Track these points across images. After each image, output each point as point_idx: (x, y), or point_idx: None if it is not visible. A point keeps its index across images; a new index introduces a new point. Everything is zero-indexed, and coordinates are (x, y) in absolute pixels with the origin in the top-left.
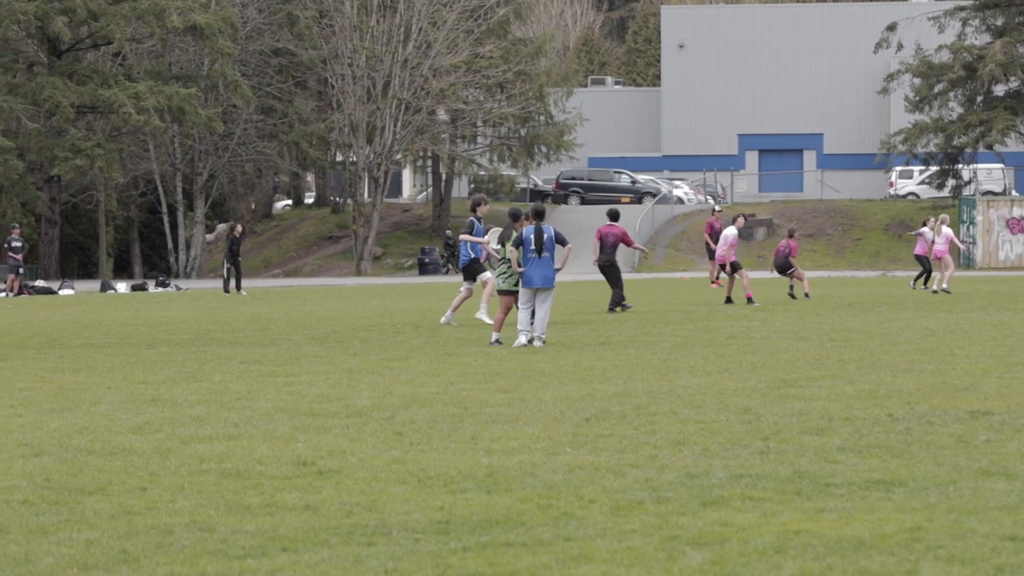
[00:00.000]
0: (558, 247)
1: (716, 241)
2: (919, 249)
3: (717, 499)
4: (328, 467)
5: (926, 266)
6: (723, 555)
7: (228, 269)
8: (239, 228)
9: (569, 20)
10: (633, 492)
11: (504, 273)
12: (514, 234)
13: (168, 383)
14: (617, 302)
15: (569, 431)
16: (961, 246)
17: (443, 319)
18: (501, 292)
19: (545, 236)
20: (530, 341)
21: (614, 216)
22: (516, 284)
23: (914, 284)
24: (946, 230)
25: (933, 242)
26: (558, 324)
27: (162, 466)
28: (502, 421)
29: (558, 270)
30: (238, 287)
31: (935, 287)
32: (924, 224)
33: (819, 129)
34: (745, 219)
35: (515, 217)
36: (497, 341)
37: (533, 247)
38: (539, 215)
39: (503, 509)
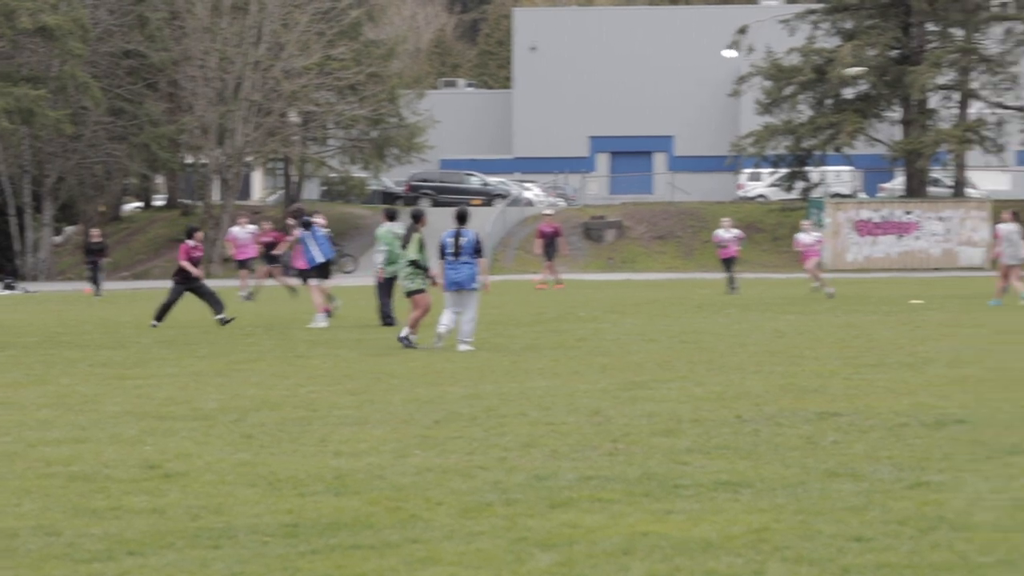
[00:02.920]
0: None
1: (546, 245)
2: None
3: (565, 501)
4: (175, 470)
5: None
6: (571, 557)
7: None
8: (94, 232)
9: (421, 22)
10: (481, 494)
11: (411, 274)
12: (415, 235)
13: (14, 386)
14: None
15: (418, 433)
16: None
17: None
18: (411, 293)
19: (463, 240)
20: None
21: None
22: (424, 283)
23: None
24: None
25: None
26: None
27: (8, 469)
28: (351, 423)
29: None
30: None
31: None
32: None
33: (670, 131)
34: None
35: (416, 217)
36: (406, 339)
37: (451, 251)
38: (461, 219)
39: (351, 512)
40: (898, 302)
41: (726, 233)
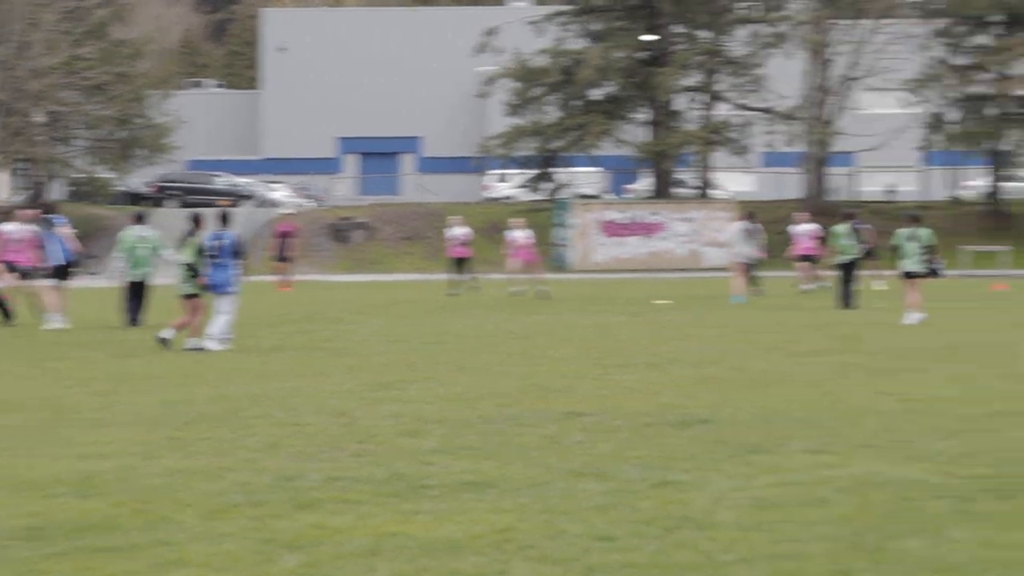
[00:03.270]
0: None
1: (283, 246)
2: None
3: (312, 502)
4: None
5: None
6: (317, 558)
7: None
8: None
9: (169, 21)
10: (228, 496)
11: (186, 278)
12: (191, 238)
13: None
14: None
15: (166, 435)
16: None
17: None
18: (187, 297)
19: (222, 242)
20: (198, 349)
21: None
22: (198, 287)
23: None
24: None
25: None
26: (155, 327)
27: None
28: (97, 425)
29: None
30: None
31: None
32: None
33: (419, 132)
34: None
35: (196, 221)
36: (197, 347)
37: (212, 253)
38: (223, 220)
39: (97, 514)
40: (644, 302)
41: (450, 231)
